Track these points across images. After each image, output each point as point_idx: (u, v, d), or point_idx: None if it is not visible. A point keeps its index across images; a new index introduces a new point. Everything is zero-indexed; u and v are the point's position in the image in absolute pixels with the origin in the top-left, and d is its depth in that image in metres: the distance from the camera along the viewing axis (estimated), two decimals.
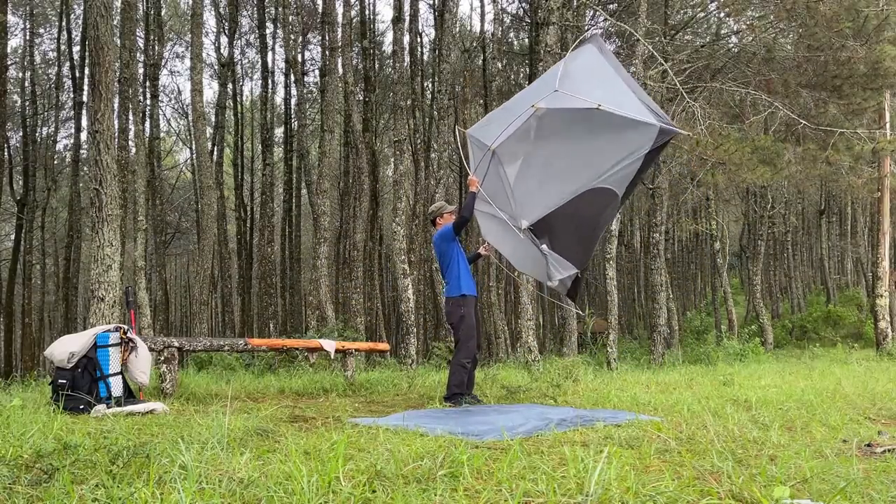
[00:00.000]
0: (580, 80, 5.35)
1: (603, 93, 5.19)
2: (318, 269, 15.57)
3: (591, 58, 5.52)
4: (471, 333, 5.90)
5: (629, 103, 5.14)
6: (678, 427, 4.11)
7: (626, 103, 5.13)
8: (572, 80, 5.31)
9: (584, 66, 5.48)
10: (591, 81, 5.35)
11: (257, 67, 28.06)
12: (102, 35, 7.98)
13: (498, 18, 20.43)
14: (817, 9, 11.91)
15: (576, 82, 5.30)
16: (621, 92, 5.23)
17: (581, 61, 5.53)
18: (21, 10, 25.34)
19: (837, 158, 12.84)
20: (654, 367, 12.36)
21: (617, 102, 5.11)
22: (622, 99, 5.16)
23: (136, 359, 5.27)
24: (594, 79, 5.39)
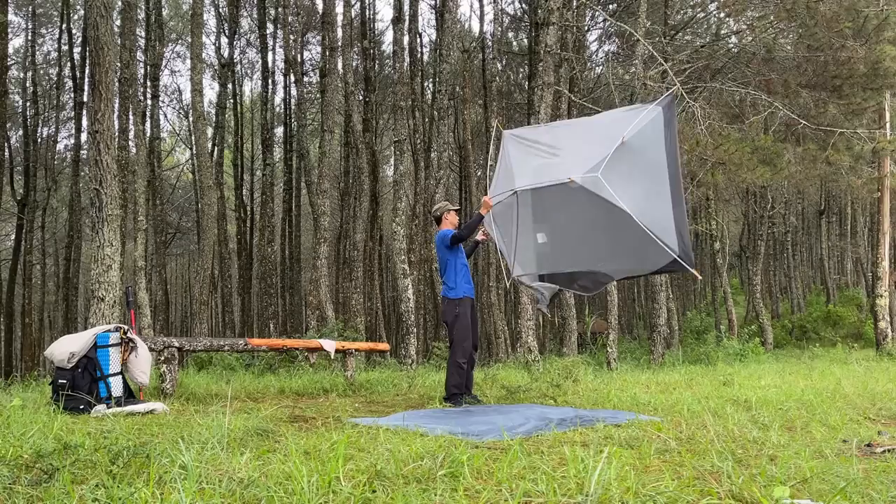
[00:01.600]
0: (630, 161, 5.15)
1: (643, 191, 5.12)
2: (318, 269, 15.57)
3: (654, 131, 5.23)
4: (465, 334, 5.90)
5: (661, 215, 5.07)
6: (678, 427, 4.11)
7: (658, 214, 5.07)
8: (620, 166, 5.09)
9: (642, 142, 5.21)
10: (639, 168, 5.20)
11: (257, 67, 28.10)
12: (103, 35, 7.98)
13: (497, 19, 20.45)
14: (817, 9, 11.91)
15: (623, 168, 5.11)
16: (660, 195, 5.11)
17: (643, 132, 5.22)
18: (23, 11, 25.35)
19: (837, 158, 12.84)
20: (654, 367, 12.36)
21: (649, 211, 5.06)
22: (657, 206, 5.09)
23: (136, 359, 5.27)
24: (643, 165, 5.20)
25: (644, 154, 5.19)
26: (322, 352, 7.46)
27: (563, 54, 14.37)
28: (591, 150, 5.33)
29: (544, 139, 5.85)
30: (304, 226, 28.67)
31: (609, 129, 5.37)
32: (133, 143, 17.21)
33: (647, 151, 5.19)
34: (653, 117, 5.18)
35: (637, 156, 5.18)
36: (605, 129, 5.49)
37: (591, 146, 5.38)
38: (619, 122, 5.37)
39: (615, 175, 5.05)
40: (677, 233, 5.05)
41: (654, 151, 5.16)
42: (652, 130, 5.17)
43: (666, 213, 5.07)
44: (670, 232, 5.05)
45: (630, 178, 5.15)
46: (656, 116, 5.19)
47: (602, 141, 5.28)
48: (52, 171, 25.13)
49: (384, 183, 26.60)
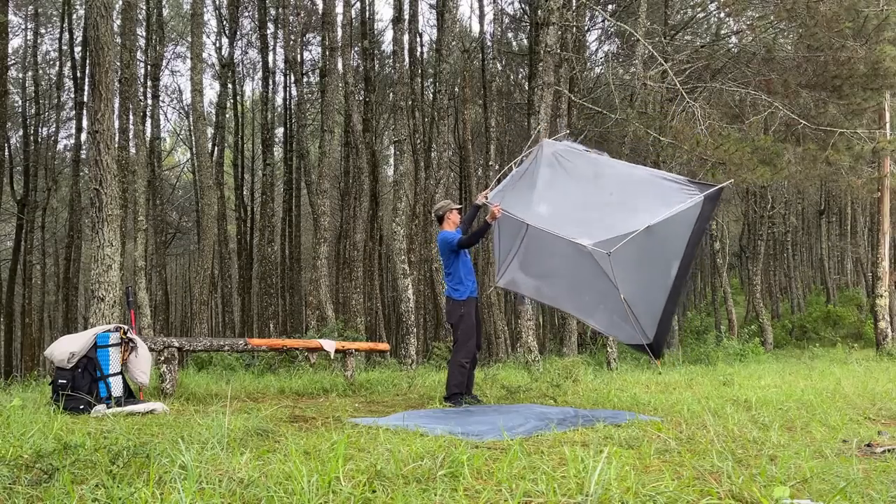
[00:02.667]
0: (647, 247, 4.96)
1: (646, 279, 5.08)
2: (318, 269, 15.57)
3: (684, 223, 4.96)
4: (470, 333, 5.89)
5: (652, 304, 5.04)
6: (678, 427, 4.11)
7: (650, 301, 5.04)
8: (636, 245, 4.85)
9: (667, 230, 4.94)
10: (652, 257, 5.06)
11: (258, 67, 28.09)
12: (103, 35, 7.98)
13: (497, 19, 20.44)
14: (817, 9, 11.91)
15: (638, 248, 4.90)
16: (660, 287, 5.03)
17: (673, 220, 4.90)
18: (23, 11, 25.35)
19: (837, 158, 12.83)
20: (654, 367, 12.35)
21: (643, 297, 5.03)
22: (653, 295, 5.04)
23: (136, 359, 5.27)
24: (658, 254, 5.05)
25: (664, 244, 5.02)
26: (322, 352, 7.46)
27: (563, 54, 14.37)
28: (616, 218, 5.14)
29: (580, 175, 5.57)
30: (304, 226, 28.67)
31: (644, 202, 5.12)
32: (133, 143, 17.22)
33: (668, 242, 5.02)
34: (688, 208, 4.88)
35: (656, 243, 5.00)
36: (640, 199, 5.21)
37: (619, 214, 5.19)
38: (656, 199, 5.05)
39: (625, 257, 4.91)
40: (660, 324, 5.10)
41: (674, 243, 5.01)
42: (683, 221, 4.94)
43: (658, 304, 5.10)
44: (653, 321, 5.09)
45: (639, 265, 5.09)
46: (692, 208, 4.89)
47: (631, 214, 5.07)
48: (52, 171, 25.13)
49: (384, 183, 26.61)
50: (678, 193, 4.96)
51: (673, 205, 4.86)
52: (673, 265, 5.03)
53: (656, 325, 5.11)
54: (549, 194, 5.57)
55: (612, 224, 5.07)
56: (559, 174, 5.62)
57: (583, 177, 5.59)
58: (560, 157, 5.71)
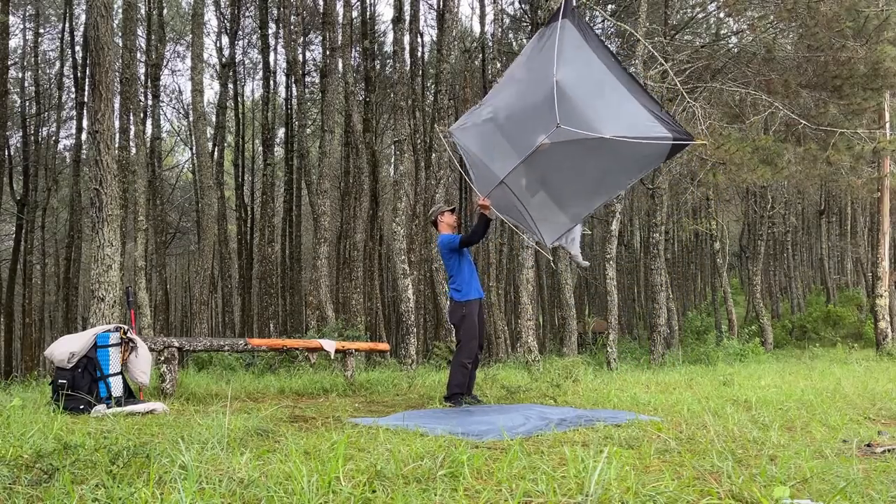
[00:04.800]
0: (578, 94, 4.86)
1: (604, 106, 4.86)
2: (318, 269, 15.58)
3: (577, 49, 4.90)
4: (472, 334, 5.89)
5: (633, 113, 4.80)
6: (678, 427, 4.11)
7: (630, 115, 4.80)
8: (570, 100, 4.79)
9: (576, 70, 4.89)
10: (589, 92, 4.92)
11: (259, 67, 28.10)
12: (103, 35, 7.98)
13: (498, 19, 20.44)
14: (818, 9, 11.91)
15: (574, 100, 4.82)
16: (621, 97, 4.86)
17: (567, 58, 4.87)
18: (22, 11, 25.36)
19: (838, 158, 12.84)
20: (654, 367, 12.36)
21: (622, 117, 4.80)
22: (625, 109, 4.83)
23: (136, 359, 5.27)
24: (590, 85, 4.93)
25: (583, 76, 4.90)
26: (322, 352, 7.46)
27: None
28: (533, 105, 5.02)
29: (485, 114, 5.52)
30: (304, 226, 28.68)
31: (536, 75, 5.01)
32: (133, 143, 17.22)
33: (584, 71, 4.86)
34: (565, 37, 4.77)
35: (578, 82, 4.86)
36: (532, 76, 5.11)
37: (531, 100, 5.05)
38: (538, 62, 5.00)
39: (571, 115, 4.76)
40: (657, 118, 4.78)
41: (589, 66, 4.84)
42: (574, 48, 4.80)
43: (636, 110, 4.81)
44: (651, 123, 4.76)
45: (586, 108, 4.87)
46: (567, 33, 4.78)
47: (536, 90, 4.94)
48: (52, 171, 25.14)
49: (384, 183, 26.61)
50: (545, 40, 4.86)
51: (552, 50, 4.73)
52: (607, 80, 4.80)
53: (658, 122, 4.76)
54: (487, 149, 5.50)
55: (537, 109, 4.92)
56: (472, 131, 5.58)
57: (485, 111, 5.48)
58: (461, 126, 5.73)
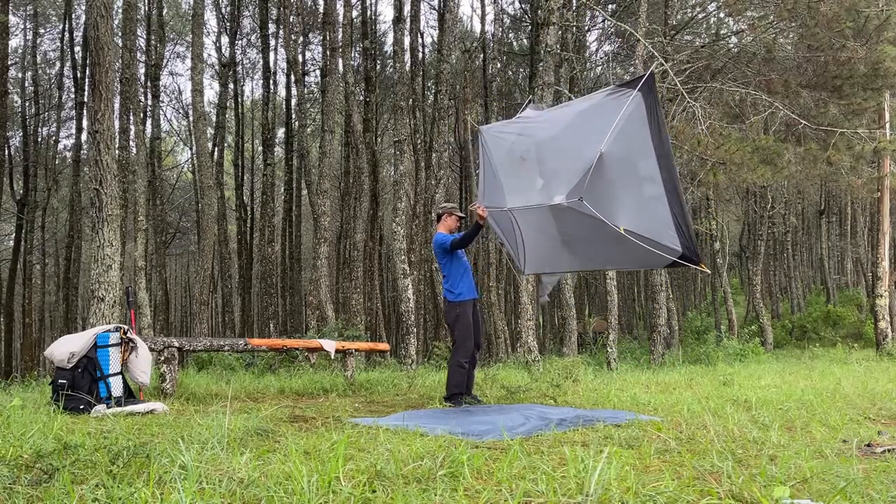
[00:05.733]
0: (615, 175, 4.81)
1: (633, 201, 4.85)
2: (318, 269, 15.57)
3: (637, 128, 4.76)
4: (467, 333, 5.89)
5: (659, 217, 4.77)
6: (678, 427, 4.11)
7: (655, 217, 4.78)
8: (604, 177, 4.75)
9: (624, 144, 4.78)
10: (627, 177, 4.86)
11: (258, 67, 28.10)
12: (103, 35, 7.98)
13: (498, 19, 20.45)
14: (818, 9, 11.91)
15: (608, 179, 4.79)
16: (655, 194, 4.78)
17: (624, 133, 4.77)
18: (22, 10, 25.36)
19: (838, 158, 12.83)
20: (654, 367, 12.36)
21: (646, 218, 4.80)
22: (653, 209, 4.79)
23: (136, 359, 5.27)
24: (631, 170, 4.85)
25: (629, 158, 4.83)
26: (322, 352, 7.46)
27: (563, 54, 14.38)
28: (571, 161, 4.97)
29: (524, 141, 5.47)
30: (304, 226, 28.67)
31: (588, 132, 4.91)
32: (133, 143, 17.22)
33: (632, 153, 4.80)
34: (632, 111, 4.66)
35: (621, 163, 4.82)
36: (583, 131, 5.01)
37: (572, 155, 5.01)
38: (596, 122, 4.88)
39: (599, 193, 4.77)
40: (678, 229, 4.78)
41: (639, 150, 4.78)
42: (634, 127, 4.72)
43: (664, 213, 4.80)
44: (670, 231, 4.79)
45: (617, 191, 4.88)
46: (636, 109, 4.67)
47: (581, 148, 4.88)
48: (52, 171, 25.14)
49: (384, 183, 26.62)
50: (614, 102, 4.76)
51: (612, 121, 4.66)
52: (653, 171, 4.75)
53: (676, 233, 4.79)
54: (509, 173, 5.52)
55: (572, 169, 4.92)
56: (504, 145, 5.57)
57: (525, 138, 5.47)
58: (496, 133, 5.73)
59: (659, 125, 4.74)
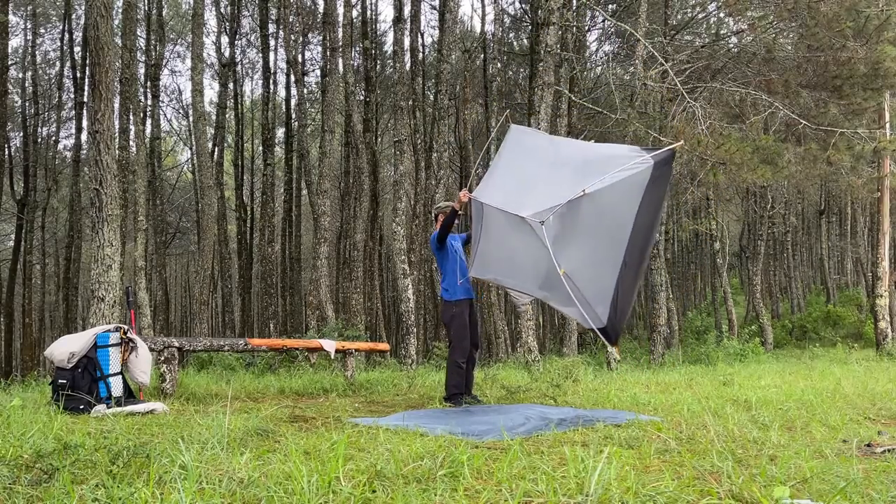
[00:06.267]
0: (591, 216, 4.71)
1: (590, 253, 4.71)
2: (319, 269, 15.57)
3: (632, 188, 4.65)
4: (463, 333, 5.89)
5: (602, 282, 4.61)
6: (678, 427, 4.11)
7: (598, 279, 4.62)
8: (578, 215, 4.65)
9: (613, 198, 4.68)
10: (597, 227, 4.75)
11: (258, 67, 28.11)
12: (103, 35, 7.98)
13: (498, 19, 20.44)
14: (818, 9, 11.91)
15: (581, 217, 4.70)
16: (608, 260, 4.63)
17: (618, 187, 4.64)
18: (22, 10, 25.36)
19: (838, 158, 12.83)
20: (654, 367, 12.36)
21: (590, 275, 4.65)
22: (601, 272, 4.64)
23: (136, 359, 5.27)
24: (604, 224, 4.74)
25: (608, 213, 4.67)
26: (322, 352, 7.46)
27: (563, 54, 14.37)
28: (558, 188, 4.85)
29: (540, 154, 5.37)
30: (304, 226, 28.67)
31: (589, 172, 4.77)
32: (133, 143, 17.22)
33: (614, 211, 4.65)
34: (635, 173, 4.49)
35: (598, 213, 4.68)
36: (587, 171, 4.84)
37: (561, 184, 4.87)
38: (601, 167, 4.72)
39: (564, 228, 4.67)
40: (612, 305, 4.58)
41: (621, 212, 4.61)
42: (630, 186, 4.54)
43: (608, 284, 4.59)
44: (604, 303, 4.61)
45: (581, 237, 4.75)
46: (640, 173, 4.50)
47: (573, 182, 4.74)
48: (52, 171, 25.14)
49: (384, 183, 26.61)
50: (623, 160, 4.60)
51: (615, 170, 4.51)
52: (622, 238, 4.56)
53: (608, 306, 4.57)
54: (508, 174, 5.44)
55: (553, 195, 4.79)
56: (521, 149, 5.50)
57: (540, 157, 5.37)
58: (523, 134, 5.63)
59: (655, 201, 4.56)
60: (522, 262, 5.32)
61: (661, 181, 4.50)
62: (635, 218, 4.52)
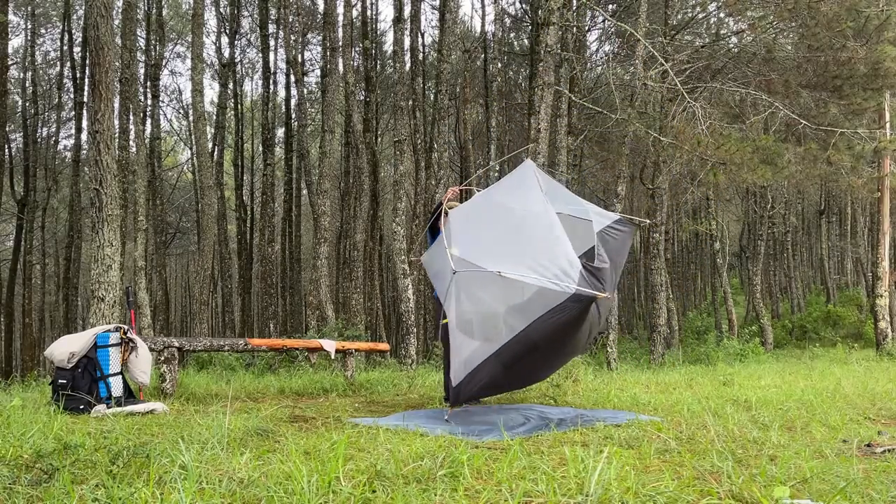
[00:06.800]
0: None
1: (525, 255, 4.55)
2: (319, 269, 15.57)
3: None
4: None
5: (547, 249, 4.46)
6: (678, 427, 4.11)
7: (541, 252, 4.47)
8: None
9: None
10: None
11: (258, 67, 28.11)
12: (103, 35, 7.98)
13: (499, 19, 20.43)
14: (818, 9, 11.91)
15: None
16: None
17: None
18: (22, 10, 25.37)
19: (838, 158, 12.83)
20: (654, 367, 12.35)
21: (531, 251, 4.51)
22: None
23: (136, 359, 5.27)
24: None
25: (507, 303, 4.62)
26: (322, 352, 7.46)
27: (563, 54, 14.37)
28: (491, 252, 4.73)
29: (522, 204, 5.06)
30: (304, 226, 28.66)
31: (523, 255, 4.55)
32: (133, 143, 17.22)
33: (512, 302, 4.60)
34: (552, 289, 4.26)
35: (500, 297, 4.63)
36: (524, 251, 4.63)
37: (497, 250, 4.77)
38: (536, 258, 4.47)
39: (468, 286, 4.62)
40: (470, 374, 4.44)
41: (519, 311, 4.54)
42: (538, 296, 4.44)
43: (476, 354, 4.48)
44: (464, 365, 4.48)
45: (475, 304, 4.68)
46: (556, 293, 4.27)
47: (504, 256, 4.58)
48: (52, 171, 25.14)
49: (384, 183, 26.61)
50: (557, 265, 4.33)
51: (537, 273, 4.31)
52: (505, 332, 4.45)
53: (465, 371, 4.46)
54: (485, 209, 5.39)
55: (486, 254, 4.69)
56: (508, 196, 5.32)
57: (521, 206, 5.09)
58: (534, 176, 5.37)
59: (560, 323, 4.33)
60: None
61: (571, 311, 4.28)
62: (527, 325, 4.36)
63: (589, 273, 4.36)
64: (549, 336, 4.33)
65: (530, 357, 4.52)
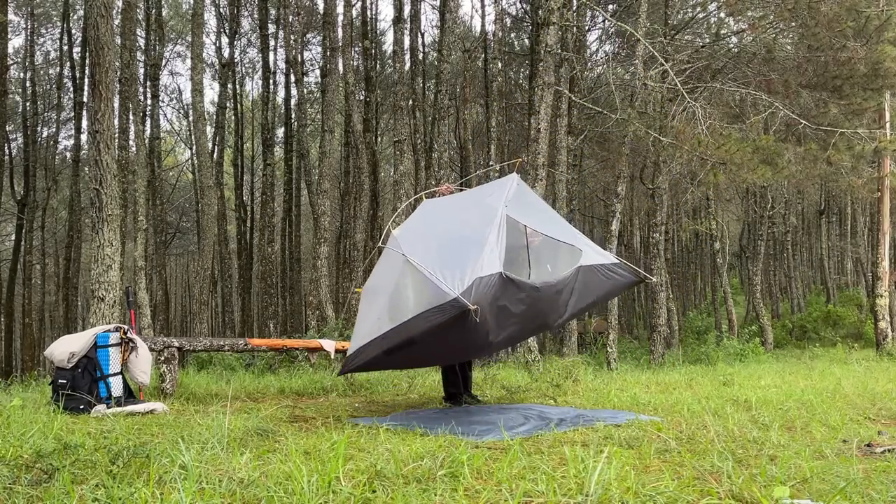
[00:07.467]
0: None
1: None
2: (319, 269, 15.57)
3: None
4: None
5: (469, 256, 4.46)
6: (678, 427, 4.11)
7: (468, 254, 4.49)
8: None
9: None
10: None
11: (258, 67, 28.11)
12: (102, 35, 7.97)
13: (499, 19, 20.43)
14: (818, 9, 11.90)
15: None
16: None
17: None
18: (22, 10, 25.36)
19: (838, 158, 12.82)
20: (654, 367, 12.35)
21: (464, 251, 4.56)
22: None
23: (136, 359, 5.27)
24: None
25: (408, 290, 4.67)
26: (322, 352, 7.46)
27: (563, 54, 14.36)
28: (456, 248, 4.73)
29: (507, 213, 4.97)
30: (304, 226, 28.65)
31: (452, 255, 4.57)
32: (133, 143, 17.22)
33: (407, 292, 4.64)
34: (441, 298, 4.20)
35: (409, 286, 4.66)
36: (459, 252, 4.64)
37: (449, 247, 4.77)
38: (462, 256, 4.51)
39: (396, 272, 4.73)
40: (364, 347, 4.52)
41: (411, 299, 4.60)
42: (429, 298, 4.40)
43: (373, 329, 4.55)
44: (363, 337, 4.60)
45: (396, 276, 4.74)
46: (444, 305, 4.19)
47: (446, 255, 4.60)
48: (52, 171, 25.14)
49: (384, 183, 26.60)
50: (458, 272, 4.29)
51: (441, 272, 4.33)
52: (400, 312, 4.51)
53: (357, 345, 4.61)
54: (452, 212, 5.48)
55: (423, 242, 4.81)
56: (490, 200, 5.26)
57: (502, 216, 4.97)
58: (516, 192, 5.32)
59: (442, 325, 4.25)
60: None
61: (448, 313, 4.18)
62: (410, 318, 4.38)
63: (493, 285, 4.28)
64: (424, 332, 4.34)
65: (408, 349, 4.56)
